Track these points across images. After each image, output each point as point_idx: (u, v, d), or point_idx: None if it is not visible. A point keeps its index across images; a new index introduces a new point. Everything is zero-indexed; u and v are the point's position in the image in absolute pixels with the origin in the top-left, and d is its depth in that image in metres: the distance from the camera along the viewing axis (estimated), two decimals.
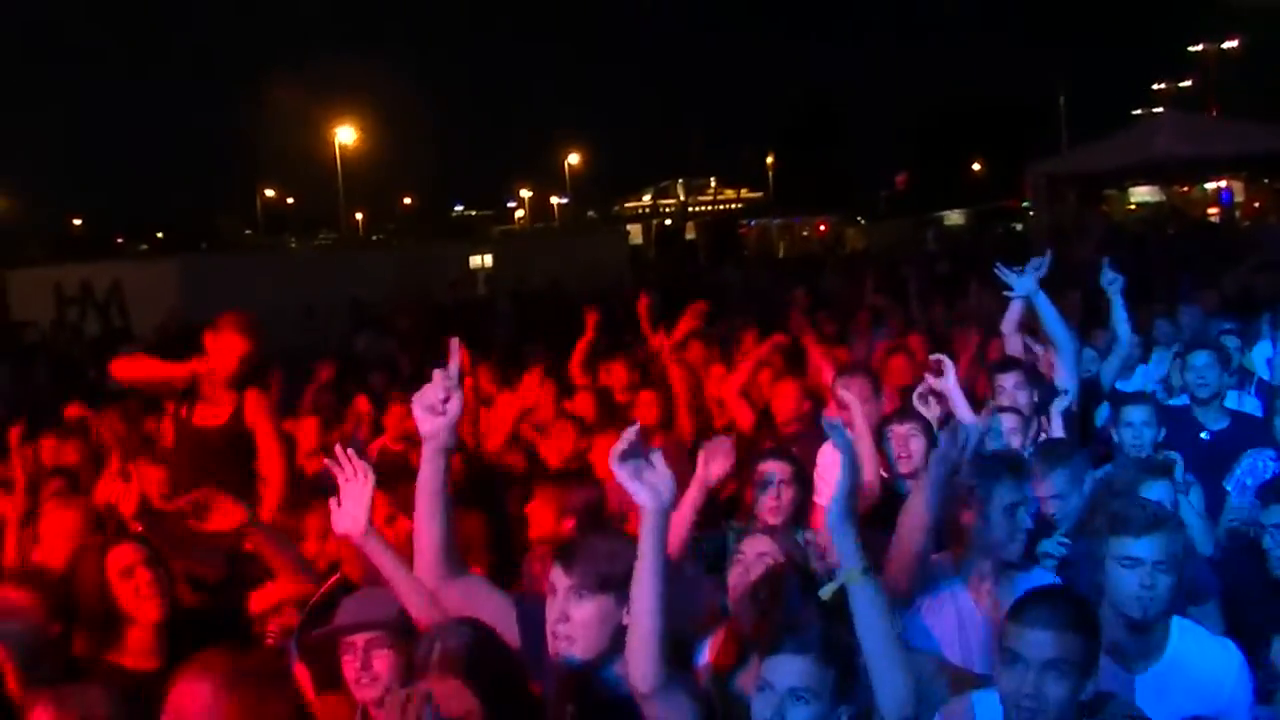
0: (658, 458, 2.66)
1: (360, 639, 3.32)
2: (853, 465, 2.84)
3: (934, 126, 60.50)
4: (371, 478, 3.21)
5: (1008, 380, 5.69)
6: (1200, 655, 3.21)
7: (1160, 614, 3.19)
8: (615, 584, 2.99)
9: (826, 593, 2.79)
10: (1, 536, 5.76)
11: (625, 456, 2.63)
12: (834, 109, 69.08)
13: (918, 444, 4.91)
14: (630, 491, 2.66)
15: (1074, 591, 3.14)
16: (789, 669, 2.74)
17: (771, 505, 4.50)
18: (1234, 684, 3.20)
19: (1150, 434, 5.17)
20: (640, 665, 2.69)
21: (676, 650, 3.33)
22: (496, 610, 3.11)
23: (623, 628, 2.98)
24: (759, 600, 3.49)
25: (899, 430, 4.94)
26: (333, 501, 3.22)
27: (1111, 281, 6.46)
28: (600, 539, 3.16)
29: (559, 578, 3.03)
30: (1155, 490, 4.04)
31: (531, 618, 3.01)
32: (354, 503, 3.18)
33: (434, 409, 3.00)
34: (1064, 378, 5.67)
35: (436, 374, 3.00)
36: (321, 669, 3.80)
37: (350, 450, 3.29)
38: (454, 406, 3.00)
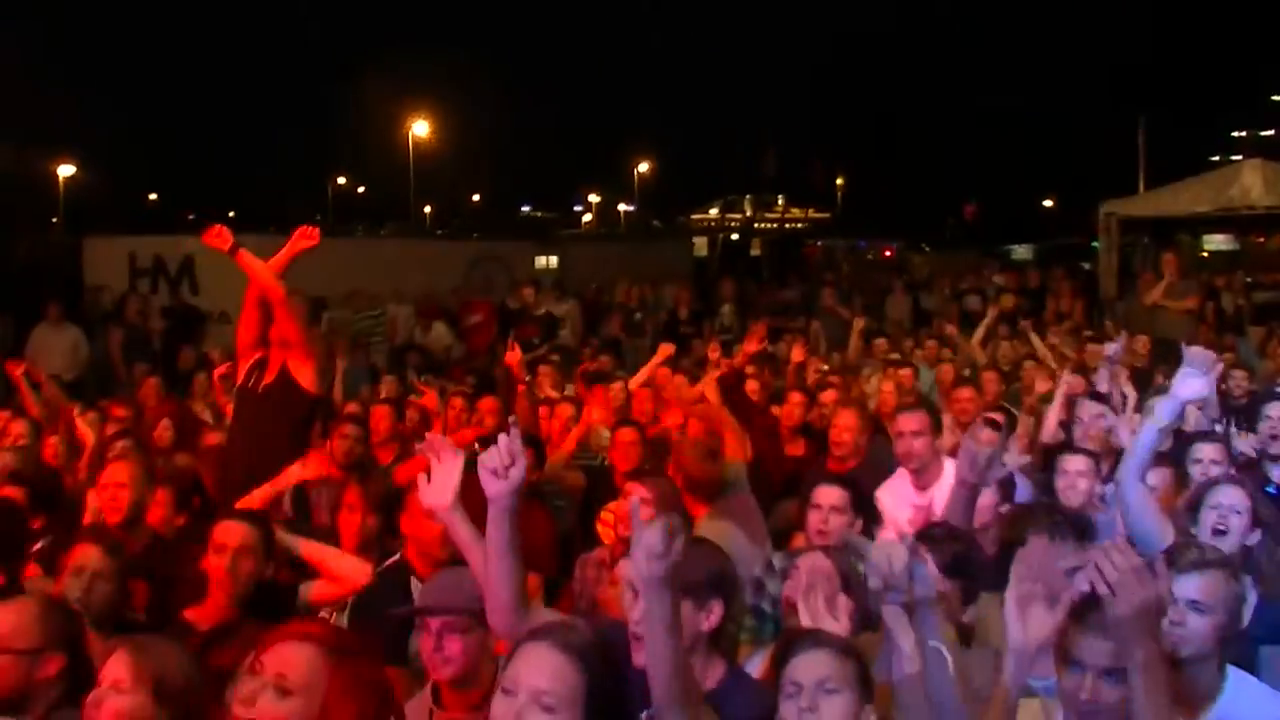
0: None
1: (435, 622, 3.42)
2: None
3: (1008, 159, 60.05)
4: (461, 457, 3.28)
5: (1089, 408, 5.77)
6: (1255, 709, 3.22)
7: (1196, 655, 3.23)
8: (693, 589, 3.07)
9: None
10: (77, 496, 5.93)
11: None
12: (908, 135, 68.75)
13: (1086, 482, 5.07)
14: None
15: None
16: (814, 663, 2.83)
17: (819, 528, 4.54)
18: None
19: (1219, 471, 5.17)
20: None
21: None
22: None
23: (699, 632, 3.07)
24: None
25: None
26: (421, 478, 3.29)
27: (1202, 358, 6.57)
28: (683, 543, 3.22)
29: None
30: (1228, 495, 4.08)
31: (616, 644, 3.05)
32: (443, 478, 3.25)
33: (498, 473, 3.00)
34: None
35: (501, 439, 3.01)
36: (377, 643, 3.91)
37: (440, 439, 3.39)
38: (517, 473, 3.00)
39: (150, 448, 7.48)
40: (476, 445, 7.09)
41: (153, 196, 60.95)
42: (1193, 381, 4.10)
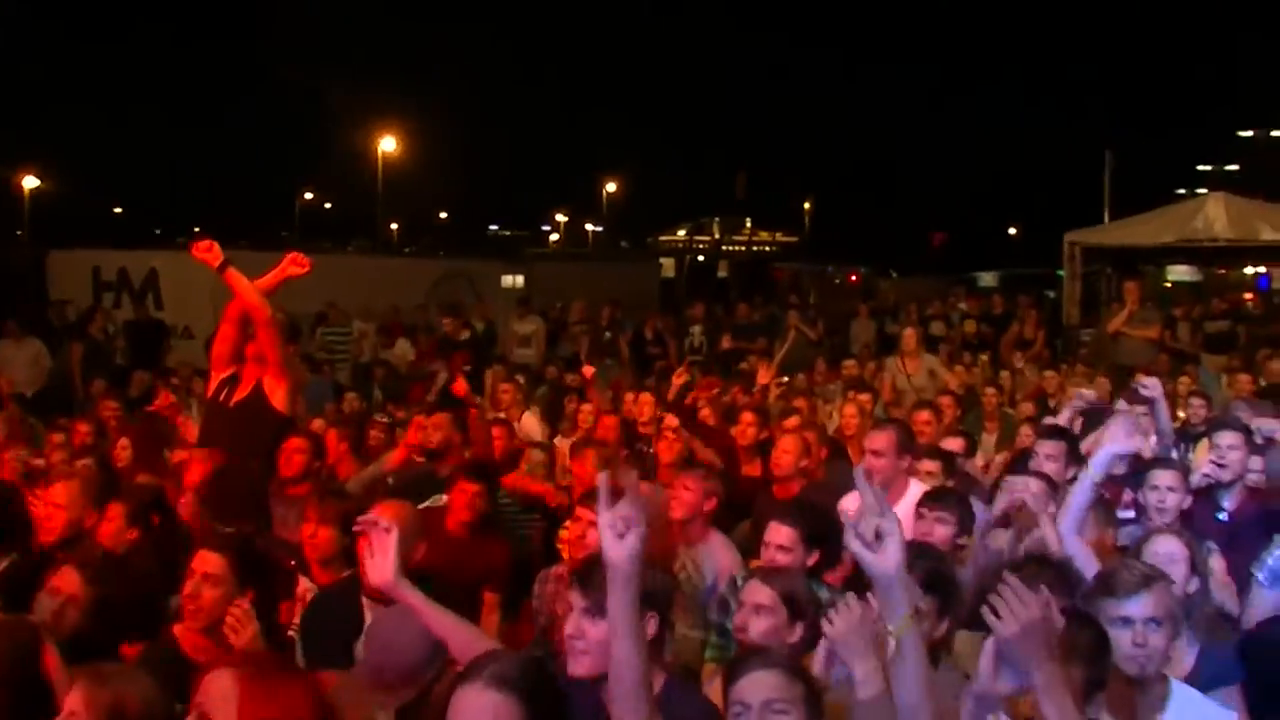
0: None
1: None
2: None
3: (976, 188, 60.68)
4: (395, 531, 3.35)
5: (1045, 448, 5.81)
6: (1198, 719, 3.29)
7: (1157, 671, 3.34)
8: None
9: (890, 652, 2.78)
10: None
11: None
12: (878, 163, 69.33)
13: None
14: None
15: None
16: (762, 683, 2.82)
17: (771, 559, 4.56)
18: None
19: (1175, 499, 5.20)
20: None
21: None
22: None
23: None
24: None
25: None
26: (364, 550, 3.43)
27: (1151, 389, 6.72)
28: None
29: (576, 598, 3.17)
30: (1165, 545, 4.12)
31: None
32: (381, 555, 3.31)
33: (618, 531, 2.74)
34: None
35: (623, 501, 2.76)
36: None
37: (370, 516, 3.44)
38: (634, 539, 2.73)
39: (112, 465, 7.41)
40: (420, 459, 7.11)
41: (118, 210, 60.52)
42: (1124, 436, 4.26)
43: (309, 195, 64.50)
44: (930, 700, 2.76)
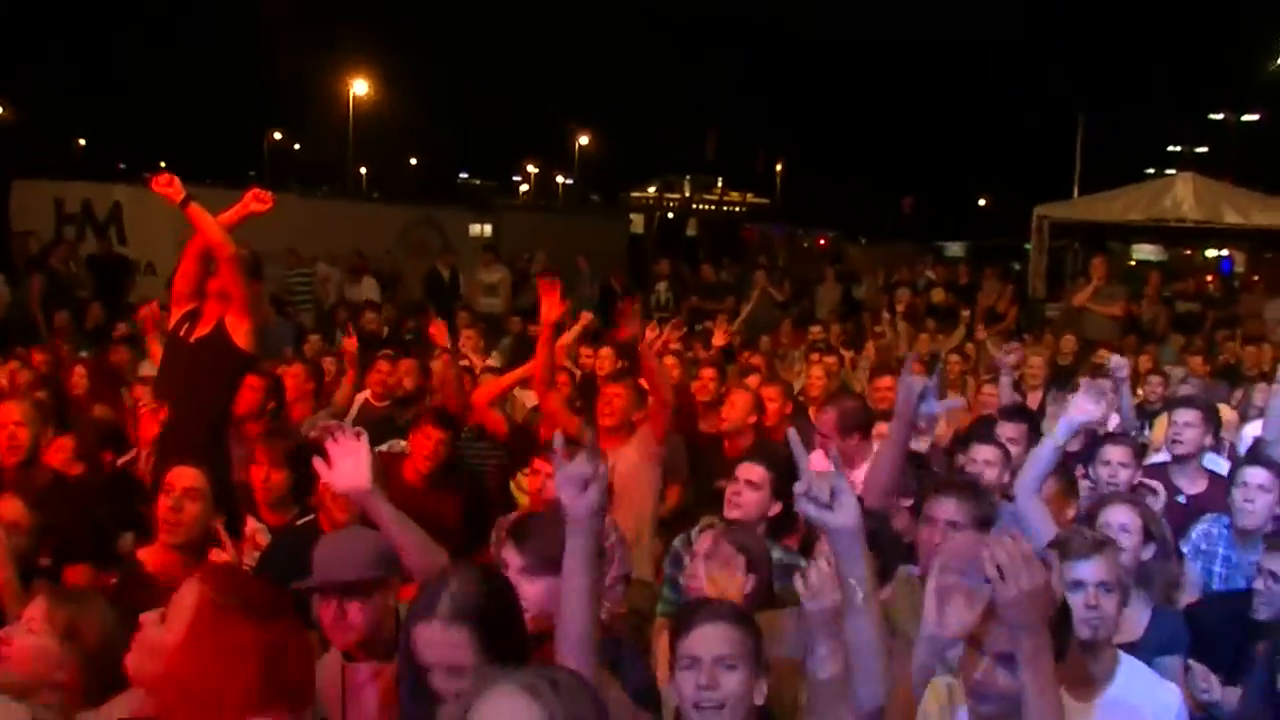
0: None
1: (336, 593, 3.39)
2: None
3: (947, 158, 60.77)
4: (364, 435, 3.25)
5: (1007, 430, 5.88)
6: (1144, 694, 3.36)
7: (1108, 636, 3.39)
8: (559, 564, 3.09)
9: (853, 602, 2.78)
10: None
11: None
12: (851, 130, 69.27)
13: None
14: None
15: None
16: (713, 637, 2.83)
17: (732, 499, 4.60)
18: None
19: (1126, 474, 5.28)
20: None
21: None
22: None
23: None
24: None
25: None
26: (318, 461, 3.23)
27: (1119, 368, 6.80)
28: (551, 520, 3.24)
29: (511, 556, 3.17)
30: (1118, 514, 4.17)
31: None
32: (353, 461, 3.18)
33: (577, 485, 2.70)
34: None
35: (581, 454, 2.73)
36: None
37: (335, 423, 3.32)
38: (595, 493, 2.69)
39: (68, 396, 7.34)
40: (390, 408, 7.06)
41: (82, 143, 59.59)
42: (1089, 405, 4.27)
43: (278, 136, 63.74)
44: (883, 642, 2.78)
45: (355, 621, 3.39)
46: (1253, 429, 7.35)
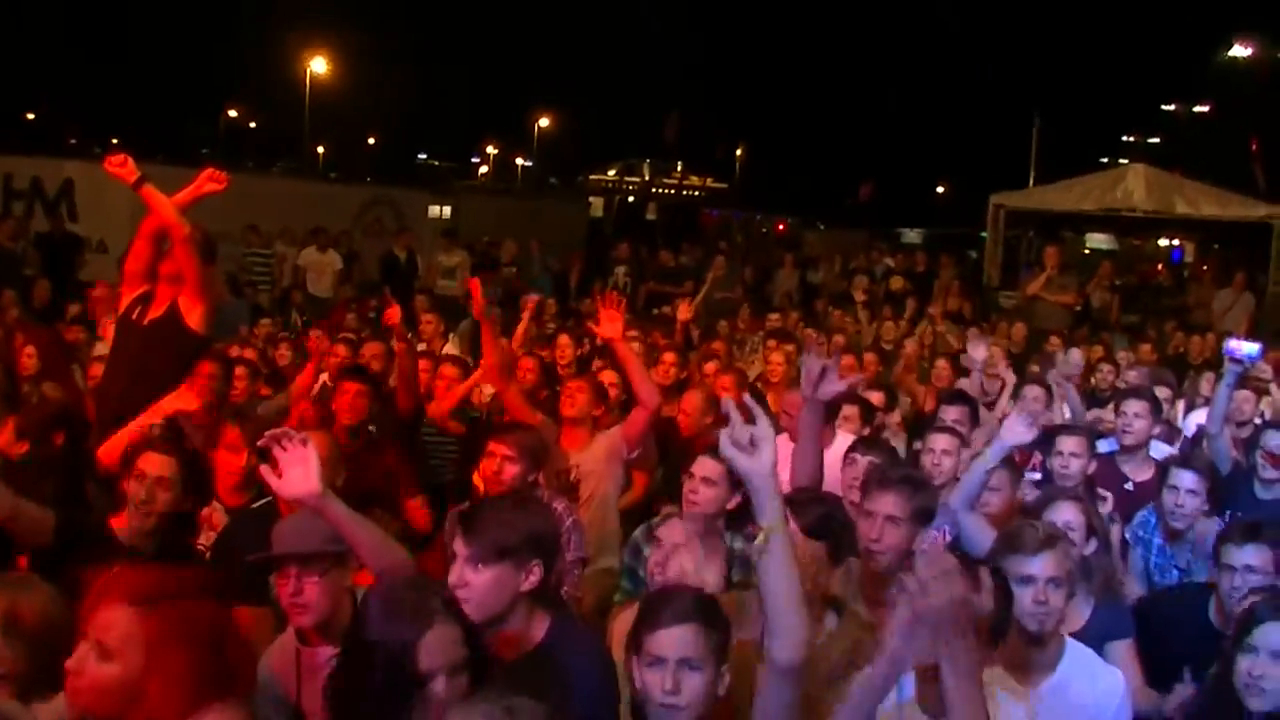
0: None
1: (294, 567, 3.38)
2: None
3: (905, 146, 61.00)
4: (311, 442, 3.17)
5: (950, 413, 5.95)
6: (1088, 679, 3.43)
7: (1055, 628, 3.46)
8: (511, 553, 3.10)
9: (758, 545, 2.80)
10: None
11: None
12: (811, 115, 69.38)
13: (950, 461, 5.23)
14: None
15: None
16: (677, 640, 2.84)
17: (689, 497, 4.61)
18: (1116, 710, 3.43)
19: (1079, 465, 5.37)
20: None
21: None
22: None
23: (519, 593, 3.10)
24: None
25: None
26: (265, 469, 3.18)
27: (1075, 363, 6.92)
28: (499, 508, 3.26)
29: (459, 545, 3.17)
30: (1063, 512, 4.24)
31: None
32: (301, 468, 3.12)
33: (744, 448, 2.74)
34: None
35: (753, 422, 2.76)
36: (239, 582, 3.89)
37: (282, 430, 3.23)
38: (767, 453, 2.74)
39: (15, 374, 7.25)
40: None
41: (31, 116, 58.58)
42: (1020, 429, 4.35)
43: (234, 113, 62.98)
44: (795, 590, 2.80)
45: (311, 597, 3.39)
46: (1197, 417, 7.50)
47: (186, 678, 2.41)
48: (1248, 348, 6.07)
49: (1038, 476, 5.85)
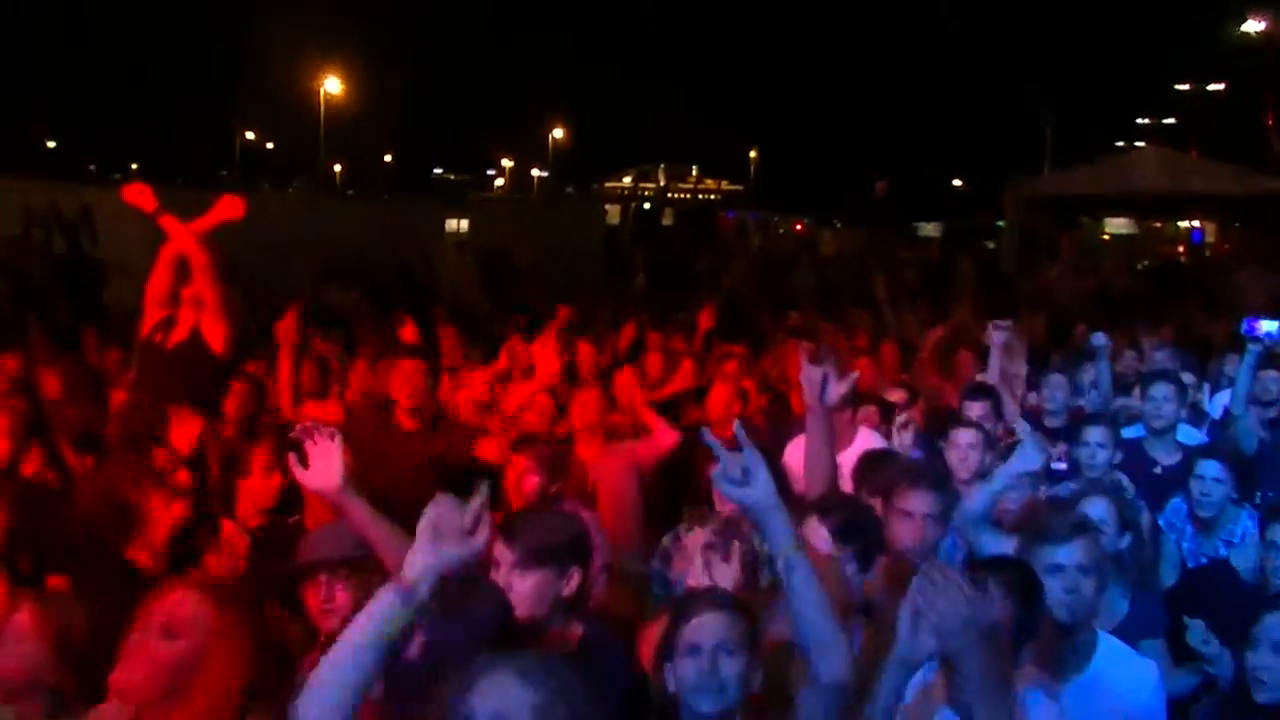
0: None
1: (324, 574, 3.41)
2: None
3: (919, 137, 60.91)
4: (339, 436, 3.24)
5: (974, 409, 5.92)
6: (1123, 672, 3.38)
7: (1086, 618, 3.40)
8: (553, 558, 3.12)
9: (775, 568, 2.80)
10: None
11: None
12: (824, 113, 69.28)
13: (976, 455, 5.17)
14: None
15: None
16: (713, 626, 2.84)
17: (719, 502, 4.58)
18: (1150, 704, 3.38)
19: (1105, 455, 5.33)
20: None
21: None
22: None
23: (560, 597, 3.13)
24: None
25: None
26: (293, 459, 3.24)
27: (1100, 344, 6.85)
28: (539, 516, 3.29)
29: (502, 552, 3.19)
30: (1095, 508, 4.19)
31: None
32: (326, 460, 3.19)
33: (735, 480, 2.73)
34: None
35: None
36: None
37: (314, 422, 3.28)
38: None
39: (40, 401, 7.29)
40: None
41: (51, 144, 59.09)
42: (1030, 456, 4.23)
43: (250, 135, 63.39)
44: (827, 609, 2.77)
45: (343, 603, 3.41)
46: (1223, 398, 7.43)
47: (240, 674, 2.49)
48: (1267, 325, 6.02)
49: (1063, 467, 5.81)
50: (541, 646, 3.12)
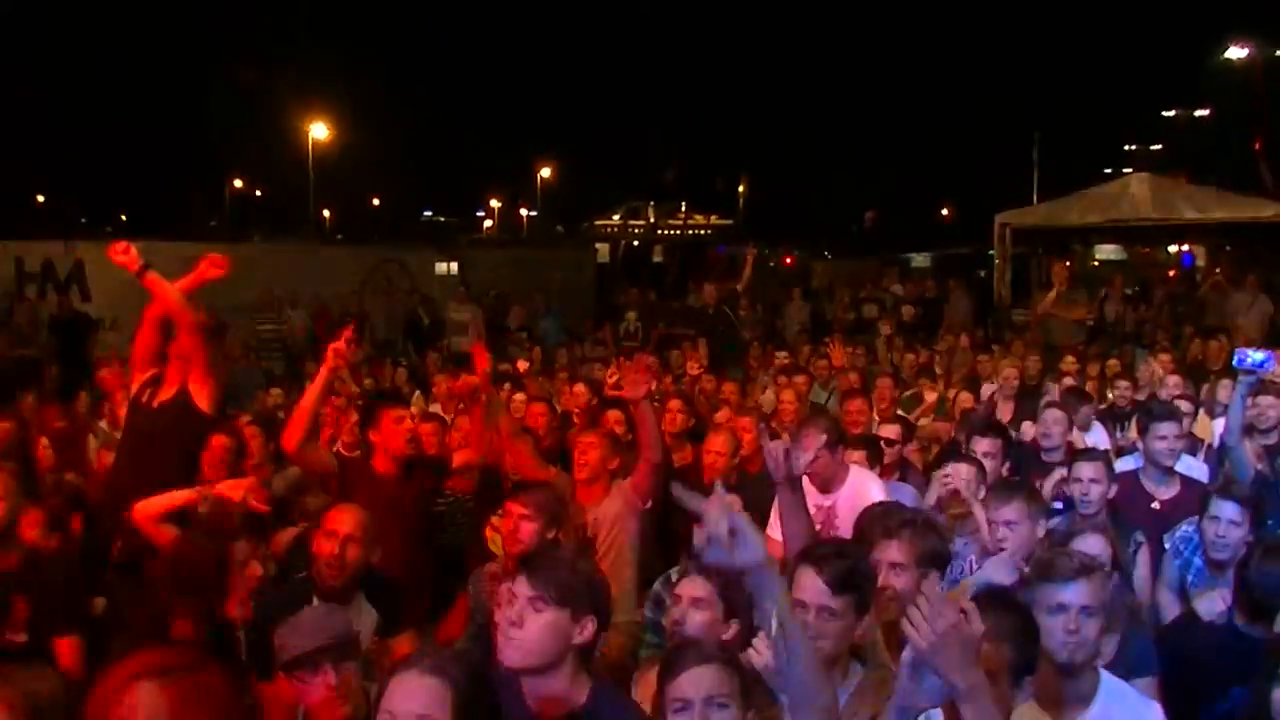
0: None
1: (328, 661, 3.40)
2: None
3: (908, 170, 61.10)
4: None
5: (982, 445, 5.90)
6: (1126, 713, 3.33)
7: (1088, 659, 3.36)
8: (573, 600, 3.05)
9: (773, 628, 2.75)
10: None
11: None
12: (811, 145, 69.58)
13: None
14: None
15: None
16: (702, 678, 2.84)
17: (676, 620, 4.48)
18: None
19: (1099, 490, 5.28)
20: None
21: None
22: None
23: (572, 644, 3.05)
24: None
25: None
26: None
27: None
28: (563, 555, 3.23)
29: (521, 586, 3.10)
30: (1090, 544, 4.16)
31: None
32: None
33: (726, 545, 2.62)
34: None
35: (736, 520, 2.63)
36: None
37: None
38: (753, 539, 2.62)
39: (34, 463, 7.26)
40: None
41: (41, 199, 59.17)
42: (1001, 572, 4.23)
43: (239, 183, 63.50)
44: (813, 665, 2.75)
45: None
46: (1220, 425, 7.41)
47: None
48: (1255, 356, 6.00)
49: (1059, 506, 5.77)
50: (539, 704, 3.05)
